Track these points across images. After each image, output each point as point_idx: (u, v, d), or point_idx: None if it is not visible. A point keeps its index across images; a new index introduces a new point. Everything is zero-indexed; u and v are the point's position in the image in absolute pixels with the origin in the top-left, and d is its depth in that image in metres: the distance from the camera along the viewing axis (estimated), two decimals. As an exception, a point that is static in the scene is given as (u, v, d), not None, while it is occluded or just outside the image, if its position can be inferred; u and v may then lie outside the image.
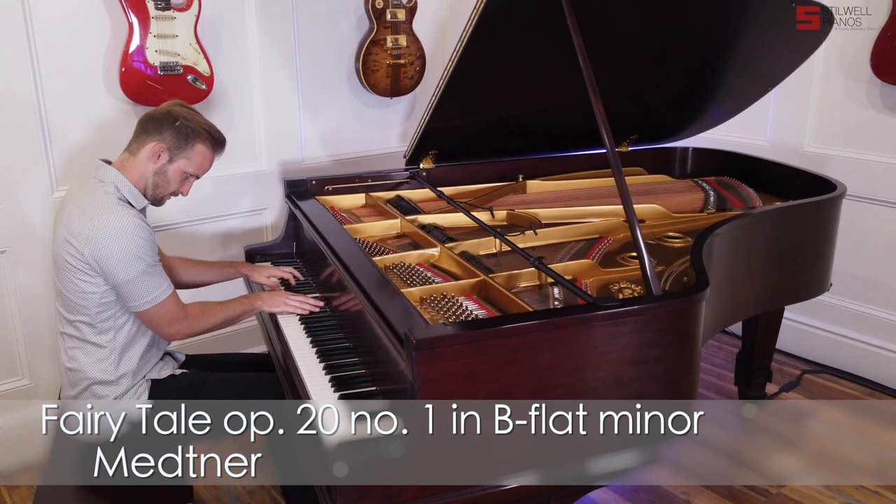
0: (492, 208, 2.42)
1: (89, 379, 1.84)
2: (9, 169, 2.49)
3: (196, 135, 1.88)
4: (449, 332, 1.39)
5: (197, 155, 1.90)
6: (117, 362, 1.84)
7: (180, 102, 1.94)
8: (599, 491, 2.43)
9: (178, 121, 1.86)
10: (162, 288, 1.82)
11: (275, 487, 2.50)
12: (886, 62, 2.84)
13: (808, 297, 2.56)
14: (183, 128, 1.86)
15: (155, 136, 1.85)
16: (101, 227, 1.73)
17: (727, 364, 3.30)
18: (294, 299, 2.06)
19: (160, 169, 1.87)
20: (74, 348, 1.85)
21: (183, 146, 1.87)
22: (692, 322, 1.58)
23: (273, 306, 2.04)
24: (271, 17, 3.01)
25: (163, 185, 1.90)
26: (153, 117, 1.87)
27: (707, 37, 2.47)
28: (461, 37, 2.11)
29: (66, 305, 1.84)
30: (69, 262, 1.77)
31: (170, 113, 1.87)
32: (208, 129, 1.91)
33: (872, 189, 3.05)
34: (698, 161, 3.12)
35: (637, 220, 1.67)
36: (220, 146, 1.95)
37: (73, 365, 1.85)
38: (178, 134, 1.86)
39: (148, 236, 1.79)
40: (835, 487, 2.48)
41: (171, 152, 1.86)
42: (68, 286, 1.80)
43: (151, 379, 1.91)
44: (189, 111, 1.91)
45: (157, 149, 1.85)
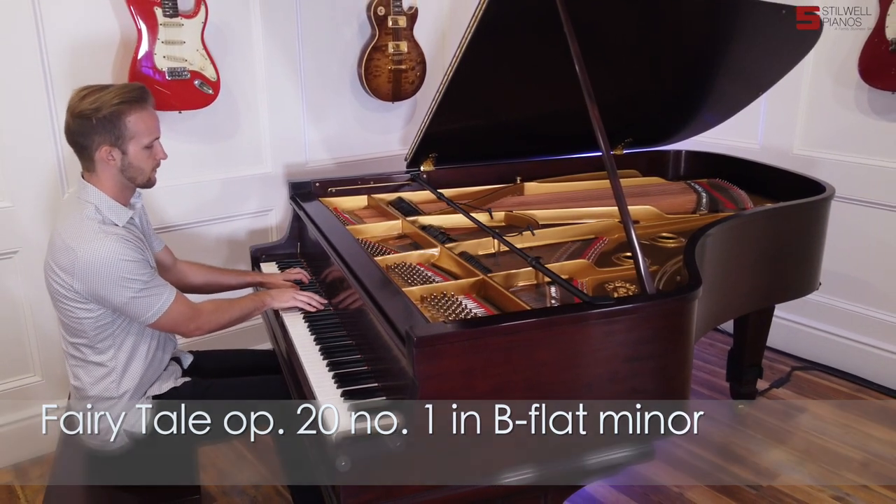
0: (490, 209, 2.42)
1: (93, 397, 1.80)
2: (21, 171, 2.49)
3: (118, 113, 1.68)
4: (449, 330, 1.38)
5: (136, 125, 1.71)
6: (119, 380, 1.80)
7: (79, 94, 1.71)
8: (595, 484, 2.43)
9: (91, 117, 1.67)
10: (163, 297, 1.75)
11: (280, 481, 2.50)
12: (874, 67, 2.84)
13: (798, 295, 2.56)
14: (102, 118, 1.67)
15: (90, 145, 1.70)
16: (84, 259, 1.64)
17: (719, 361, 3.30)
18: (302, 295, 2.05)
19: (123, 165, 1.73)
20: (77, 367, 1.81)
21: (119, 131, 1.69)
22: (685, 320, 1.58)
23: (282, 301, 2.03)
24: (276, 24, 3.01)
25: (137, 171, 1.76)
26: (73, 131, 1.70)
27: (700, 43, 2.47)
28: (461, 43, 2.11)
29: (65, 328, 1.79)
30: (60, 291, 1.71)
31: (81, 115, 1.68)
32: (122, 99, 1.69)
33: (860, 191, 3.05)
34: (691, 164, 3.12)
35: (631, 220, 1.67)
36: (143, 99, 1.73)
37: (77, 383, 1.82)
38: (104, 126, 1.68)
39: (134, 256, 1.69)
40: (823, 480, 2.48)
41: (116, 145, 1.70)
42: (63, 312, 1.75)
43: (153, 395, 1.86)
44: (92, 96, 1.68)
45: (103, 154, 1.70)
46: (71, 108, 1.71)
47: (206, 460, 2.63)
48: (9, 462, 2.63)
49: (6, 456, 2.62)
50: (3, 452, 2.61)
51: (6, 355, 2.59)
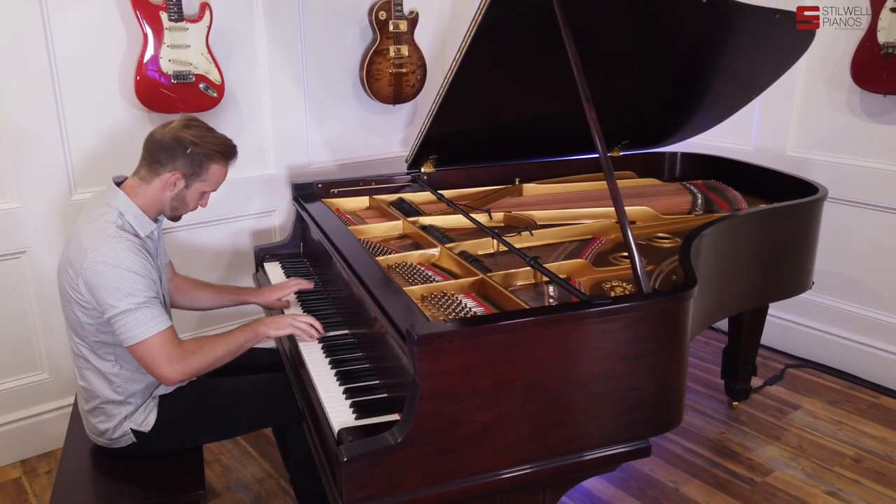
0: (490, 210, 2.42)
1: (99, 397, 1.78)
2: (29, 173, 2.49)
3: (209, 158, 1.76)
4: (449, 329, 1.38)
5: (213, 175, 1.79)
6: (124, 384, 1.78)
7: (187, 121, 1.77)
8: (592, 480, 2.43)
9: (188, 148, 1.72)
10: (154, 322, 1.64)
11: (283, 476, 2.50)
12: (865, 70, 2.85)
13: (791, 294, 2.56)
14: (195, 154, 1.73)
15: (168, 166, 1.73)
16: (92, 260, 1.63)
17: (714, 359, 3.30)
18: (300, 320, 1.88)
19: (177, 195, 1.78)
20: (84, 369, 1.79)
21: (198, 171, 1.76)
22: (680, 319, 1.58)
23: (279, 329, 1.86)
24: (279, 28, 3.01)
25: (181, 206, 1.81)
26: (163, 146, 1.72)
27: (695, 47, 2.47)
28: (460, 47, 2.11)
29: (73, 331, 1.78)
30: (68, 291, 1.70)
31: (179, 140, 1.72)
32: (220, 149, 1.78)
33: (852, 192, 3.05)
34: (686, 165, 3.12)
35: (628, 221, 1.66)
36: (232, 158, 1.84)
37: (84, 384, 1.81)
38: (191, 161, 1.74)
39: (140, 269, 1.65)
40: (816, 476, 2.49)
41: (186, 179, 1.75)
42: (69, 315, 1.74)
43: (160, 395, 1.84)
44: (198, 132, 1.75)
45: (171, 178, 1.74)
46: (172, 129, 1.74)
47: (211, 456, 2.63)
48: (17, 457, 2.63)
49: (15, 452, 2.62)
50: (12, 448, 2.61)
51: (15, 354, 2.59)
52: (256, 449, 2.69)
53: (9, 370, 2.59)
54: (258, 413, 1.93)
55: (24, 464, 2.62)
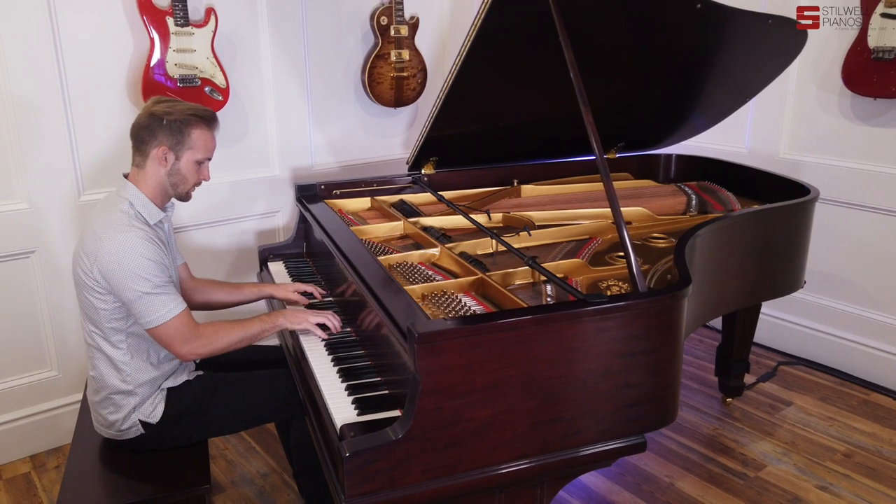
0: (489, 211, 2.42)
1: (109, 388, 1.79)
2: (38, 174, 2.49)
3: (187, 123, 1.77)
4: (449, 327, 1.39)
5: (198, 140, 1.79)
6: (133, 374, 1.79)
7: (156, 99, 1.81)
8: (588, 475, 2.43)
9: (163, 119, 1.75)
10: (170, 306, 1.71)
11: (287, 471, 2.50)
12: (856, 74, 2.85)
13: (784, 293, 2.56)
14: (172, 122, 1.75)
15: (152, 142, 1.76)
16: (107, 247, 1.67)
17: (708, 356, 3.31)
18: (318, 315, 1.91)
19: (172, 169, 1.79)
20: (95, 358, 1.81)
21: (181, 139, 1.77)
22: (675, 317, 1.58)
23: (296, 323, 1.90)
24: (283, 33, 3.01)
25: (181, 182, 1.82)
26: (141, 125, 1.77)
27: (690, 52, 2.47)
28: (460, 51, 2.11)
29: (87, 318, 1.79)
30: (82, 278, 1.72)
31: (154, 115, 1.75)
32: (194, 113, 1.79)
33: (844, 193, 3.05)
34: (681, 167, 3.12)
35: (624, 221, 1.66)
36: (212, 122, 1.83)
37: (95, 373, 1.82)
38: (170, 130, 1.75)
39: (154, 256, 1.69)
40: (808, 471, 2.49)
41: (174, 150, 1.77)
42: (83, 301, 1.76)
43: (167, 388, 1.85)
44: (168, 103, 1.78)
45: (160, 153, 1.76)
46: (145, 108, 1.78)
47: (216, 451, 2.63)
48: (27, 453, 2.63)
49: (24, 447, 2.62)
50: (22, 444, 2.61)
51: (24, 351, 2.59)
52: (261, 444, 2.69)
53: (18, 367, 2.59)
54: (264, 408, 1.93)
55: (33, 459, 2.62)
